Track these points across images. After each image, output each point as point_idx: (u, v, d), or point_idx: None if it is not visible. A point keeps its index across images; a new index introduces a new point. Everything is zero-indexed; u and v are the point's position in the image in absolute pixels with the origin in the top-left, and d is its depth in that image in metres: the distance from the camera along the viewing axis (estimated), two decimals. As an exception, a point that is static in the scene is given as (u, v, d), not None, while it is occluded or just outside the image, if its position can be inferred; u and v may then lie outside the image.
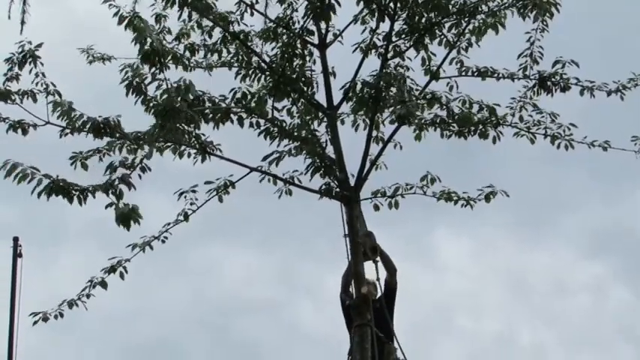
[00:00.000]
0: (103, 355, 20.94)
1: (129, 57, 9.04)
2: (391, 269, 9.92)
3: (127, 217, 8.06)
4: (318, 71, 9.78)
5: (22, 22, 9.33)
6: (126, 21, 8.46)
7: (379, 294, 9.94)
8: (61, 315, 9.56)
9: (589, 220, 23.76)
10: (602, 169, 20.85)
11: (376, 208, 10.06)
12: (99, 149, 8.94)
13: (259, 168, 9.75)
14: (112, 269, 9.51)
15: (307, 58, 9.81)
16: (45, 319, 9.55)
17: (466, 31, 9.80)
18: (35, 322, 9.56)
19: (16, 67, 8.92)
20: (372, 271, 9.79)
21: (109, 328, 21.02)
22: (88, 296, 9.57)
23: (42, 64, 8.94)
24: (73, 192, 8.32)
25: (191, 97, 8.44)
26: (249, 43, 9.81)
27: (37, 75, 8.96)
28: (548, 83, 9.85)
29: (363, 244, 9.57)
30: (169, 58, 9.10)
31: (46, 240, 21.32)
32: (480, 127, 9.96)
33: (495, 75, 9.99)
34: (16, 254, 12.04)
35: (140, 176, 8.83)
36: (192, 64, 9.87)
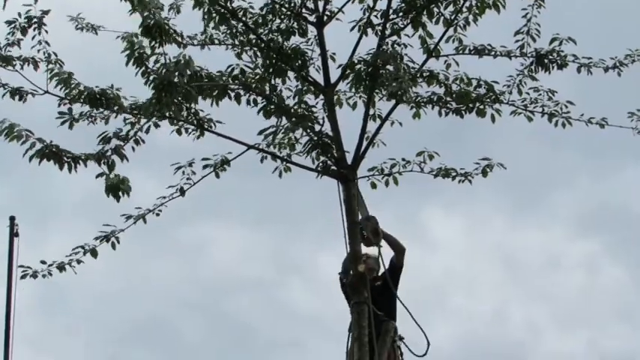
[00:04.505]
0: (94, 334, 20.97)
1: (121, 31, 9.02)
2: (399, 248, 9.88)
3: (116, 187, 8.07)
4: (316, 49, 9.80)
5: None
6: None
7: (381, 270, 9.96)
8: (50, 274, 9.56)
9: (581, 198, 23.79)
10: (593, 146, 20.87)
11: (373, 186, 10.05)
12: (91, 114, 8.91)
13: (257, 145, 9.78)
14: (105, 238, 9.51)
15: (305, 36, 9.82)
16: (34, 275, 9.55)
17: (463, 8, 9.79)
18: (23, 277, 9.58)
19: (18, 33, 8.85)
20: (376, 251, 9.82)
21: (100, 307, 21.02)
22: (78, 262, 9.58)
23: (47, 32, 8.91)
24: (65, 158, 8.30)
25: (189, 73, 8.41)
26: (248, 21, 9.79)
27: (40, 42, 8.92)
28: (546, 60, 9.86)
29: (364, 228, 9.55)
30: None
31: (41, 219, 21.29)
32: (478, 104, 9.97)
33: (493, 53, 9.99)
34: (13, 234, 12.02)
35: (133, 148, 8.85)
36: (185, 41, 9.81)
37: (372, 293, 9.45)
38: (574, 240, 23.91)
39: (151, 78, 8.45)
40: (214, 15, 9.67)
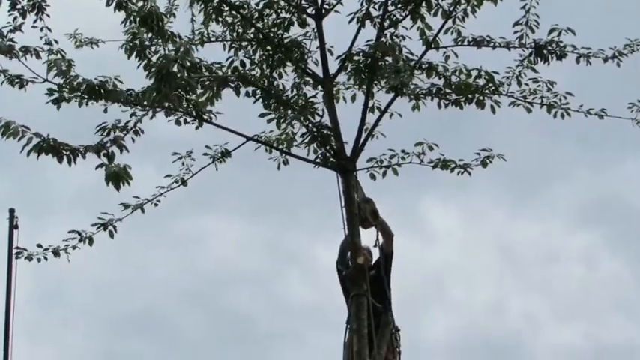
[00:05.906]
0: (92, 326, 21.02)
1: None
2: (388, 234, 9.93)
3: (117, 176, 8.06)
4: (315, 42, 9.81)
5: None
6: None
7: (374, 259, 9.99)
8: (45, 258, 9.58)
9: (580, 190, 23.79)
10: (592, 138, 20.87)
11: (372, 177, 10.06)
12: (83, 97, 8.87)
13: (255, 137, 9.79)
14: (102, 226, 9.50)
15: (304, 28, 9.83)
16: (29, 257, 9.58)
17: (462, 0, 9.79)
18: (17, 257, 9.61)
19: (20, 18, 8.80)
20: (371, 238, 9.86)
21: (98, 299, 21.06)
22: (73, 247, 9.58)
23: (48, 16, 8.88)
24: (64, 152, 8.30)
25: (188, 63, 8.40)
26: (245, 13, 9.79)
27: (42, 29, 8.89)
28: (545, 51, 9.86)
29: (362, 210, 9.59)
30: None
31: (41, 211, 21.29)
32: (477, 95, 9.95)
33: (491, 44, 9.99)
34: (12, 226, 12.02)
35: (133, 139, 8.84)
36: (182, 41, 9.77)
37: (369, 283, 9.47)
38: (573, 232, 23.95)
39: (152, 70, 8.45)
40: (210, 11, 9.67)
